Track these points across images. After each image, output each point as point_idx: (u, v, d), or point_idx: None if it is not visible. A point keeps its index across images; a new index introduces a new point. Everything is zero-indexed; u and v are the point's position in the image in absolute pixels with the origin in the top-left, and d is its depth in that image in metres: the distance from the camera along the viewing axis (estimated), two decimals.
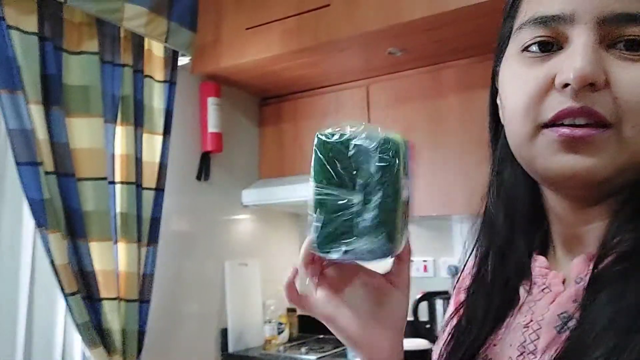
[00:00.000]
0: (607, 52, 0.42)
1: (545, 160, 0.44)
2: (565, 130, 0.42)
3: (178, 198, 2.28)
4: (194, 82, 2.40)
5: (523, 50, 0.46)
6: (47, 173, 1.62)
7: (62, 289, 1.65)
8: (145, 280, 1.94)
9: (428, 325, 2.29)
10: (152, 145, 2.00)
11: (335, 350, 2.40)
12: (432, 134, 2.23)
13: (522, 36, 0.46)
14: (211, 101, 2.40)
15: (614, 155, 0.42)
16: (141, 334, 1.91)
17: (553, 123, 0.43)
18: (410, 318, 2.27)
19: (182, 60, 2.14)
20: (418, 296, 2.23)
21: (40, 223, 1.60)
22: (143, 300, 1.93)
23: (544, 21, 0.44)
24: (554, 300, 0.47)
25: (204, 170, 2.43)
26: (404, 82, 2.37)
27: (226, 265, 2.51)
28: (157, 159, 2.00)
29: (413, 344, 2.13)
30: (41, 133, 1.61)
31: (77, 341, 1.80)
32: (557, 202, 0.50)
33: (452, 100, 2.20)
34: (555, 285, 0.48)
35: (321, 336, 2.74)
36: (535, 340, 0.47)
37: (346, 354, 2.29)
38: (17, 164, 1.58)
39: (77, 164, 1.73)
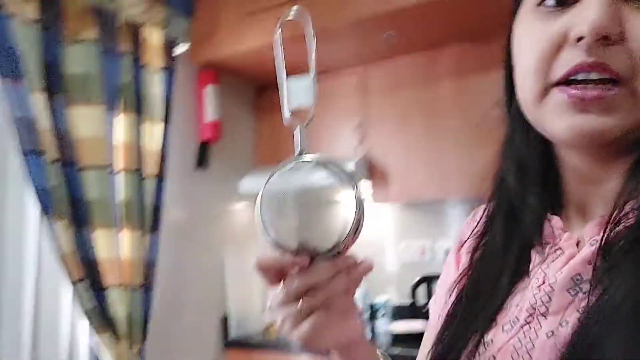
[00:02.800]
0: (626, 3, 0.41)
1: (553, 120, 0.44)
2: (575, 92, 0.42)
3: (177, 187, 2.29)
4: (191, 70, 2.40)
5: (539, 4, 0.45)
6: (51, 162, 1.63)
7: (69, 277, 1.67)
8: (149, 268, 1.96)
9: (426, 309, 2.34)
10: (153, 133, 2.01)
11: None
12: (428, 118, 2.27)
13: None
14: (209, 89, 2.41)
15: (626, 114, 0.41)
16: (146, 320, 1.93)
17: (565, 81, 0.43)
18: (409, 301, 2.32)
19: (180, 48, 2.15)
20: (416, 280, 2.27)
21: (46, 211, 1.62)
22: (147, 287, 1.95)
23: None
24: (567, 263, 0.46)
25: (202, 159, 2.45)
26: (400, 67, 2.39)
27: (226, 252, 2.53)
28: (158, 147, 2.01)
29: (411, 326, 2.18)
30: (44, 122, 1.62)
31: (83, 327, 1.81)
32: (572, 158, 0.49)
33: (448, 84, 2.23)
34: (568, 247, 0.47)
35: None
36: (547, 302, 0.46)
37: None
38: (22, 152, 1.59)
39: (79, 153, 1.73)
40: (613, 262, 0.41)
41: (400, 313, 2.37)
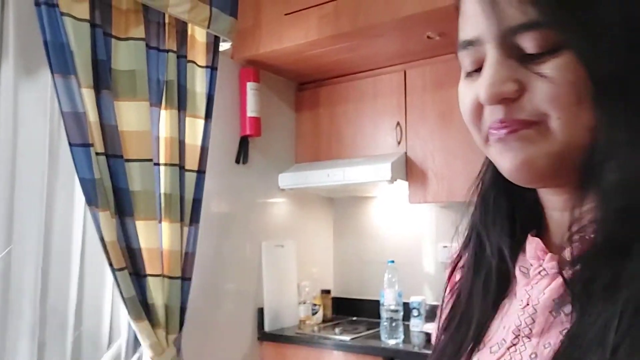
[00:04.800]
0: (518, 61, 0.45)
1: (498, 161, 0.48)
2: (493, 132, 0.47)
3: (218, 180, 2.35)
4: (234, 67, 2.46)
5: (467, 73, 0.50)
6: (97, 154, 1.70)
7: (111, 265, 1.74)
8: (187, 259, 2.02)
9: None
10: (194, 129, 2.06)
11: (368, 332, 2.45)
12: None
13: (461, 60, 0.50)
14: (250, 86, 2.46)
15: (546, 146, 0.44)
16: (183, 310, 1.99)
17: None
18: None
19: (223, 46, 2.19)
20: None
21: (91, 201, 1.69)
22: (185, 277, 2.01)
23: (465, 46, 0.48)
24: (549, 284, 0.48)
25: (242, 154, 2.50)
26: (441, 67, 2.37)
27: (263, 246, 2.58)
28: (199, 142, 2.07)
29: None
30: (92, 115, 1.69)
31: (123, 314, 1.89)
32: (539, 191, 0.53)
33: None
34: (551, 269, 0.48)
35: (354, 318, 2.79)
36: (530, 324, 0.48)
37: (379, 336, 2.34)
38: (70, 145, 1.66)
39: (125, 146, 1.80)
40: (584, 285, 0.43)
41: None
